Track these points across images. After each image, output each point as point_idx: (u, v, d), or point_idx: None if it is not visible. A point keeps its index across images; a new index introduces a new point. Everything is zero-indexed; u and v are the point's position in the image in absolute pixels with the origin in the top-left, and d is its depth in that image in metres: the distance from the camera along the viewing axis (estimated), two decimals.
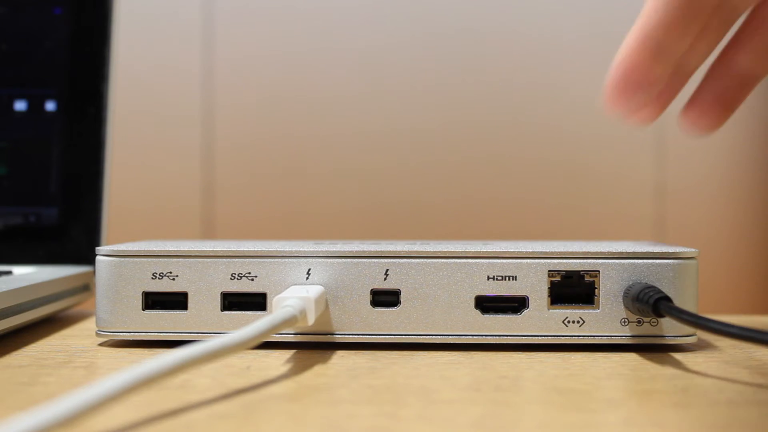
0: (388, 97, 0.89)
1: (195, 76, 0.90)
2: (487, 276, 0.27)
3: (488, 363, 0.25)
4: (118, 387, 0.16)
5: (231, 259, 0.27)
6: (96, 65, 0.40)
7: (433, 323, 0.27)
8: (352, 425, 0.18)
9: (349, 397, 0.21)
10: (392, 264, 0.27)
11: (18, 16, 0.40)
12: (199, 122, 0.90)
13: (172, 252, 0.27)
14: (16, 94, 0.39)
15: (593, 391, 0.21)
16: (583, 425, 0.18)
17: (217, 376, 0.22)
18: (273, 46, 0.90)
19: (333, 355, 0.26)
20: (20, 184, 0.39)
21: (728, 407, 0.20)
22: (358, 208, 0.89)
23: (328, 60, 0.90)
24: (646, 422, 0.18)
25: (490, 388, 0.22)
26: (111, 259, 0.27)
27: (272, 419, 0.19)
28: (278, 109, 0.90)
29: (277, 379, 0.22)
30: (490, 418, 0.19)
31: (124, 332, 0.27)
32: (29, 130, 0.39)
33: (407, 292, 0.27)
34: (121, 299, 0.27)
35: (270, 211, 0.90)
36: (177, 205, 0.90)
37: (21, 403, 0.20)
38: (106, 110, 0.39)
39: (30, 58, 0.40)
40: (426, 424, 0.18)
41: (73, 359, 0.25)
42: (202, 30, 0.89)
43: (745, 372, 0.24)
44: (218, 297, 0.27)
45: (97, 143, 0.39)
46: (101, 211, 0.39)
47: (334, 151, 0.90)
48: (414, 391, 0.21)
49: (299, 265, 0.27)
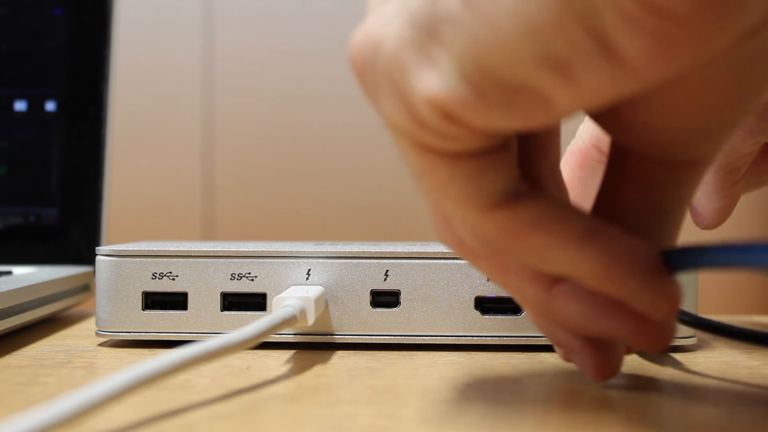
0: None
1: (195, 76, 0.90)
2: (487, 277, 0.27)
3: (488, 363, 0.25)
4: (118, 387, 0.16)
5: (231, 260, 0.27)
6: (96, 65, 0.40)
7: (433, 324, 0.27)
8: (352, 425, 0.18)
9: (349, 397, 0.21)
10: (392, 264, 0.27)
11: (18, 16, 0.40)
12: (199, 122, 0.90)
13: (172, 252, 0.27)
14: (16, 94, 0.39)
15: (593, 391, 0.21)
16: (583, 425, 0.18)
17: (217, 376, 0.22)
18: (273, 46, 0.90)
19: (333, 355, 0.26)
20: (20, 184, 0.39)
21: (728, 407, 0.20)
22: (358, 208, 0.89)
23: (328, 60, 0.90)
24: (646, 422, 0.18)
25: (490, 388, 0.22)
26: (111, 259, 0.27)
27: (272, 419, 0.19)
28: (278, 109, 0.90)
29: (277, 379, 0.22)
30: (490, 418, 0.19)
31: (124, 332, 0.27)
32: (29, 130, 0.39)
33: (407, 293, 0.27)
34: (121, 299, 0.27)
35: (270, 211, 0.90)
36: (177, 205, 0.90)
37: (21, 403, 0.20)
38: (106, 110, 0.39)
39: (30, 58, 0.40)
40: (426, 424, 0.18)
41: (73, 359, 0.25)
42: (202, 30, 0.89)
43: (744, 372, 0.24)
44: (218, 297, 0.27)
45: (97, 143, 0.39)
46: (101, 211, 0.39)
47: (334, 151, 0.90)
48: (414, 391, 0.21)
49: (299, 265, 0.27)
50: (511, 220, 0.17)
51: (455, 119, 0.14)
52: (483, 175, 0.16)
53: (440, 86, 0.14)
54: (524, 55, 0.13)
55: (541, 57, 0.13)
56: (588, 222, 0.17)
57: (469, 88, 0.14)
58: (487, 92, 0.14)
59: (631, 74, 0.13)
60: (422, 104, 0.15)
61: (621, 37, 0.12)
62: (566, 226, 0.17)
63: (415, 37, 0.14)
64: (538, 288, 0.18)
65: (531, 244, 0.17)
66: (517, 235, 0.17)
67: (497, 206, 0.16)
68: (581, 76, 0.13)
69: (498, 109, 0.14)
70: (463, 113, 0.14)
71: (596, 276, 0.17)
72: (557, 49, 0.13)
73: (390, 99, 0.15)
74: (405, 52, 0.14)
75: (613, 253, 0.16)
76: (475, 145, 0.15)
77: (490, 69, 0.14)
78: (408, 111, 0.15)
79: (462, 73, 0.14)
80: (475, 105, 0.14)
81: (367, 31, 0.15)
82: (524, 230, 0.17)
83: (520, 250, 0.17)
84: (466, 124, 0.15)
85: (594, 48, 0.13)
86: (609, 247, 0.16)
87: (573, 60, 0.13)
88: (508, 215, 0.16)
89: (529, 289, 0.18)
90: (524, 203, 0.17)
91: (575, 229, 0.16)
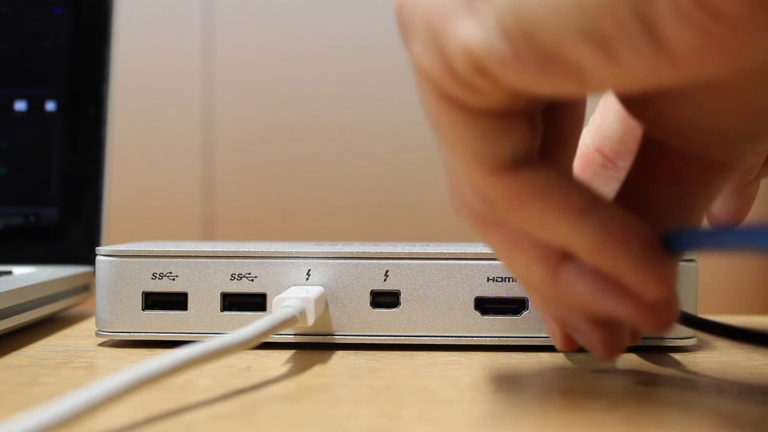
0: (388, 97, 0.89)
1: (195, 76, 0.90)
2: (486, 277, 0.27)
3: (488, 363, 0.25)
4: (118, 387, 0.16)
5: (231, 260, 0.27)
6: (96, 65, 0.40)
7: (433, 324, 0.27)
8: (352, 425, 0.18)
9: (349, 397, 0.21)
10: (392, 265, 0.27)
11: (18, 16, 0.40)
12: (199, 122, 0.90)
13: (172, 252, 0.27)
14: (16, 94, 0.39)
15: (593, 391, 0.21)
16: (584, 425, 0.18)
17: (217, 376, 0.22)
18: (273, 46, 0.90)
19: (333, 355, 0.26)
20: (20, 184, 0.39)
21: (728, 407, 0.20)
22: (358, 208, 0.89)
23: (328, 60, 0.90)
24: (646, 422, 0.18)
25: (490, 388, 0.22)
26: (111, 259, 0.27)
27: (272, 419, 0.19)
28: (278, 109, 0.90)
29: (277, 379, 0.22)
30: (490, 418, 0.19)
31: (124, 332, 0.27)
32: (29, 130, 0.39)
33: (407, 293, 0.27)
34: (121, 299, 0.27)
35: (270, 211, 0.90)
36: (177, 205, 0.90)
37: (21, 403, 0.20)
38: (106, 110, 0.39)
39: (30, 58, 0.40)
40: (426, 424, 0.18)
41: (73, 359, 0.25)
42: (202, 30, 0.89)
43: (744, 372, 0.24)
44: (218, 297, 0.27)
45: (97, 143, 0.39)
46: (101, 211, 0.39)
47: (334, 151, 0.90)
48: (414, 391, 0.21)
49: (299, 265, 0.27)
50: (514, 186, 0.17)
51: (487, 74, 0.14)
52: (496, 137, 0.16)
53: (479, 37, 0.14)
54: (569, 25, 0.13)
55: (587, 31, 0.13)
56: (589, 196, 0.17)
57: (508, 45, 0.14)
58: (524, 54, 0.14)
59: (674, 66, 0.13)
60: (457, 52, 0.14)
61: (670, 27, 0.12)
62: (567, 198, 0.17)
63: None
64: (545, 266, 0.18)
65: (531, 212, 0.17)
66: (518, 201, 0.17)
67: (503, 170, 0.16)
68: (623, 57, 0.13)
69: (532, 72, 0.14)
70: (497, 69, 0.14)
71: (592, 250, 0.17)
72: (604, 26, 0.13)
73: (424, 41, 0.15)
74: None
75: (611, 229, 0.16)
76: (498, 104, 0.15)
77: (533, 32, 0.13)
78: (440, 57, 0.15)
79: (504, 29, 0.14)
80: (511, 64, 0.14)
81: None
82: (526, 198, 0.17)
83: (520, 217, 0.17)
84: (496, 80, 0.15)
85: (641, 32, 0.13)
86: (607, 222, 0.17)
87: (618, 40, 0.13)
88: (511, 181, 0.17)
89: (536, 267, 0.18)
90: (529, 171, 0.17)
91: (576, 202, 0.17)
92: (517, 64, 0.14)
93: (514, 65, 0.14)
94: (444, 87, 0.15)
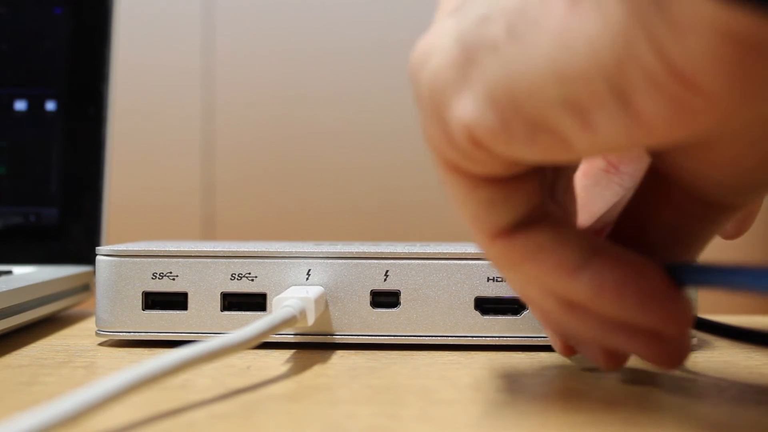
0: (388, 97, 0.89)
1: (195, 76, 0.90)
2: (486, 277, 0.27)
3: (488, 363, 0.25)
4: (118, 387, 0.16)
5: (231, 260, 0.27)
6: (96, 65, 0.40)
7: (433, 324, 0.27)
8: (352, 425, 0.18)
9: (349, 397, 0.21)
10: (392, 265, 0.27)
11: (18, 16, 0.40)
12: (199, 122, 0.90)
13: (172, 252, 0.27)
14: (16, 94, 0.39)
15: (593, 391, 0.21)
16: (583, 425, 0.18)
17: (217, 376, 0.22)
18: (273, 46, 0.90)
19: (333, 355, 0.26)
20: (20, 184, 0.39)
21: (728, 407, 0.20)
22: (358, 208, 0.89)
23: (328, 60, 0.90)
24: (646, 422, 0.18)
25: (490, 388, 0.22)
26: (111, 259, 0.27)
27: (272, 419, 0.19)
28: (278, 109, 0.90)
29: (277, 379, 0.22)
30: (490, 418, 0.19)
31: (124, 332, 0.27)
32: (29, 130, 0.39)
33: (407, 293, 0.27)
34: (121, 299, 0.27)
35: (270, 211, 0.90)
36: (177, 205, 0.90)
37: (21, 403, 0.20)
38: (106, 110, 0.39)
39: (30, 58, 0.40)
40: (426, 424, 0.18)
41: (73, 359, 0.25)
42: (202, 30, 0.89)
43: (744, 372, 0.24)
44: (218, 297, 0.27)
45: (97, 143, 0.39)
46: (101, 211, 0.39)
47: (334, 151, 0.90)
48: (414, 391, 0.21)
49: (299, 265, 0.27)
50: (508, 249, 0.17)
51: (481, 144, 0.15)
52: (494, 205, 0.17)
53: (471, 110, 0.15)
54: (551, 95, 0.14)
55: (566, 101, 0.13)
56: (584, 251, 0.17)
57: (496, 116, 0.14)
58: (511, 124, 0.14)
59: (647, 132, 0.13)
60: (455, 125, 0.15)
61: (644, 98, 0.13)
62: (560, 258, 0.17)
63: (459, 56, 0.15)
64: (555, 303, 0.18)
65: (525, 272, 0.18)
66: (512, 263, 0.18)
67: (499, 235, 0.17)
68: (600, 126, 0.13)
69: (520, 141, 0.15)
70: (488, 140, 0.15)
71: (588, 302, 0.17)
72: (581, 97, 0.13)
73: (428, 113, 0.16)
74: (448, 69, 0.15)
75: (604, 282, 0.17)
76: (498, 171, 0.16)
77: (518, 102, 0.14)
78: (442, 129, 0.16)
79: (492, 100, 0.14)
80: (500, 134, 0.15)
81: (424, 41, 0.16)
82: (519, 260, 0.17)
83: (516, 276, 0.18)
84: (490, 150, 0.15)
85: (615, 102, 0.13)
86: (601, 275, 0.17)
87: (594, 110, 0.13)
88: (506, 244, 0.17)
89: (547, 303, 0.19)
90: (523, 234, 0.17)
91: (568, 261, 0.17)
92: (505, 134, 0.15)
93: (503, 136, 0.15)
94: (447, 156, 0.16)
